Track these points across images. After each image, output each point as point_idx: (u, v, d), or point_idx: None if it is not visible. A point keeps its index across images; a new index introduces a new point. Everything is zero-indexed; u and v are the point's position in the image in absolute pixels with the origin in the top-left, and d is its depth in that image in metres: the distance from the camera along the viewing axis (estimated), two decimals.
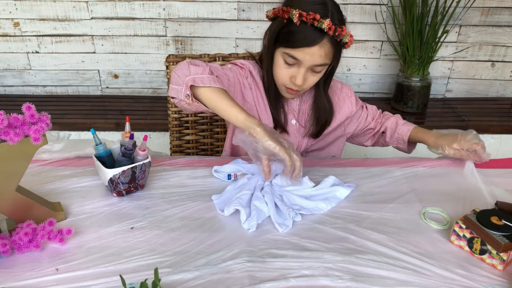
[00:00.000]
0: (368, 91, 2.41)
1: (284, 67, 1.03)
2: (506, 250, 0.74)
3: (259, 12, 2.19)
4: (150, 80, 2.33)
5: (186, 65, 0.95)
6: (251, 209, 0.87)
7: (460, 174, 1.07)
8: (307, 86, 1.07)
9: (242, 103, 1.12)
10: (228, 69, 1.09)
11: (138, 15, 2.19)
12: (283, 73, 1.04)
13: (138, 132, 0.98)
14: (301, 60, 0.99)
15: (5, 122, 0.70)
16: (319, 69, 1.03)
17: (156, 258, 0.75)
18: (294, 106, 1.16)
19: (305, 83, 1.04)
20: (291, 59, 1.00)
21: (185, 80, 0.93)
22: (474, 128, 1.13)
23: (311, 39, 0.96)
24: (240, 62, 1.14)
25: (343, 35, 0.98)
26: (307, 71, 1.02)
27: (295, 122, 1.17)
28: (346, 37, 0.99)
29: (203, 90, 0.93)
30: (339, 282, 0.71)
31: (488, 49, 2.29)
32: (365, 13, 2.20)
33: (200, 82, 0.92)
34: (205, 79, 0.93)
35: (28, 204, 0.80)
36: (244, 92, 1.12)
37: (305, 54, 0.98)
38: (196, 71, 0.93)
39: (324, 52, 0.98)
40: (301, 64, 1.00)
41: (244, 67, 1.13)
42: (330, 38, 0.97)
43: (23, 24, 2.19)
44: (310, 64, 1.00)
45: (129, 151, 0.90)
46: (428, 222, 0.88)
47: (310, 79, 1.05)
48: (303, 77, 1.02)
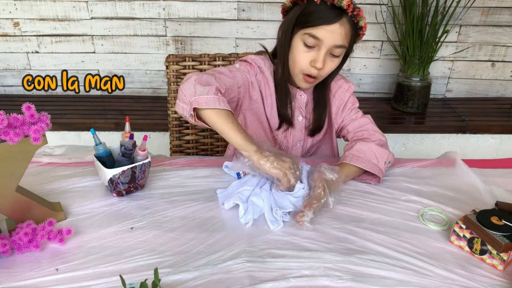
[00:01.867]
0: (368, 91, 2.41)
1: (304, 51, 1.03)
2: (506, 250, 0.74)
3: (259, 12, 2.19)
4: (150, 80, 2.33)
5: (193, 83, 0.95)
6: (248, 204, 0.88)
7: (460, 174, 1.07)
8: (325, 73, 1.07)
9: (249, 103, 1.13)
10: (236, 70, 1.09)
11: (138, 15, 2.18)
12: (303, 57, 1.04)
13: (138, 132, 0.98)
14: (322, 38, 1.00)
15: (5, 122, 0.70)
16: (337, 52, 1.03)
17: (156, 258, 0.75)
18: (301, 103, 1.16)
19: (324, 68, 1.04)
20: (311, 40, 1.01)
21: (190, 100, 0.94)
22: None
23: (332, 16, 0.98)
24: (250, 58, 1.13)
25: (360, 17, 1.01)
26: (326, 53, 1.02)
27: (302, 119, 1.17)
28: (362, 20, 1.02)
29: (206, 112, 0.95)
30: (339, 282, 0.71)
31: (488, 49, 2.29)
32: (365, 13, 2.19)
33: (204, 104, 0.93)
34: (209, 100, 0.93)
35: (28, 204, 0.80)
36: (252, 92, 1.12)
37: (327, 31, 0.99)
38: (202, 91, 0.94)
39: (344, 31, 1.00)
40: (322, 44, 1.01)
41: (253, 63, 1.12)
42: (348, 19, 1.00)
43: (23, 24, 2.19)
44: (331, 43, 1.00)
45: (129, 151, 0.90)
46: (426, 223, 0.88)
47: (329, 65, 1.05)
48: (323, 59, 1.02)
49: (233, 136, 0.93)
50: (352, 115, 1.17)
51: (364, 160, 1.03)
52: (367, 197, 0.97)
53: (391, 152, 1.08)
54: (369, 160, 1.03)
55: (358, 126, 1.15)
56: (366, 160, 1.03)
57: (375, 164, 1.02)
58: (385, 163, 1.04)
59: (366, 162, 1.03)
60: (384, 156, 1.04)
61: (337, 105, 1.17)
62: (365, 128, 1.14)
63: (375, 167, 1.02)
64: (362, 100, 1.21)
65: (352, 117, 1.17)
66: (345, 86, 1.18)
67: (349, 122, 1.17)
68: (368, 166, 1.02)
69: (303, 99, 1.16)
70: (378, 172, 1.02)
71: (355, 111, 1.18)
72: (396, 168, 1.10)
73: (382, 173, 1.02)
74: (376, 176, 1.03)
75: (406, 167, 1.11)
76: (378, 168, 1.02)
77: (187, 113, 0.95)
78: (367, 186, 1.02)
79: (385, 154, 1.05)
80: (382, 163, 1.03)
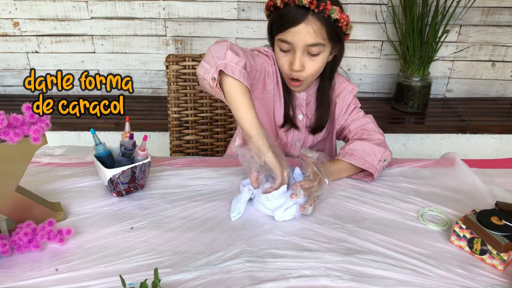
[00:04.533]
0: (368, 91, 2.40)
1: (282, 55, 1.05)
2: (506, 250, 0.74)
3: (259, 12, 2.19)
4: (150, 80, 2.33)
5: (225, 48, 0.92)
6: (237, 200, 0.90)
7: (460, 175, 1.07)
8: (308, 74, 1.05)
9: (262, 92, 1.12)
10: (256, 55, 1.08)
11: (138, 15, 2.18)
12: (283, 62, 1.05)
13: (138, 132, 0.98)
14: (292, 42, 1.00)
15: (4, 122, 0.70)
16: (314, 51, 1.01)
17: (156, 258, 0.75)
18: (301, 101, 1.16)
19: (304, 70, 1.03)
20: (284, 44, 1.02)
21: (217, 63, 0.90)
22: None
23: (296, 17, 0.97)
24: (264, 50, 1.12)
25: (330, 10, 0.96)
26: (303, 54, 1.02)
27: (302, 117, 1.17)
28: (334, 13, 0.97)
29: (230, 81, 0.91)
30: (339, 282, 0.71)
31: (488, 49, 2.29)
32: (365, 12, 2.19)
33: (230, 71, 0.90)
34: (236, 70, 0.90)
35: (28, 204, 0.80)
36: (267, 80, 1.11)
37: (294, 34, 0.99)
38: (232, 58, 0.91)
39: (312, 29, 0.98)
40: (294, 47, 1.01)
41: (268, 54, 1.12)
42: (316, 15, 0.97)
43: (23, 24, 2.19)
44: (302, 44, 1.00)
45: (129, 151, 0.90)
46: (426, 223, 0.88)
47: (309, 65, 1.03)
48: (299, 61, 1.02)
49: (247, 114, 0.90)
50: (354, 115, 1.17)
51: (357, 157, 1.03)
52: (367, 197, 0.97)
53: (388, 150, 1.07)
54: (362, 158, 1.03)
55: (359, 126, 1.15)
56: (359, 157, 1.03)
57: (368, 161, 1.02)
58: (380, 161, 1.04)
59: (359, 159, 1.02)
60: (379, 154, 1.04)
61: (341, 107, 1.17)
62: (365, 127, 1.14)
63: (368, 164, 1.02)
64: (362, 100, 1.21)
65: (353, 117, 1.17)
66: (349, 88, 1.18)
67: (350, 122, 1.16)
68: (361, 163, 1.02)
69: (303, 96, 1.16)
70: (371, 169, 1.02)
71: (357, 111, 1.18)
72: (396, 168, 1.10)
73: (376, 171, 1.02)
74: (371, 174, 1.03)
75: (406, 167, 1.11)
76: (371, 166, 1.02)
77: (209, 75, 0.90)
78: (367, 186, 1.01)
79: (380, 152, 1.04)
80: (376, 161, 1.03)
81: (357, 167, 1.03)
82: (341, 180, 1.04)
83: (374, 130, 1.13)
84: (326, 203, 0.94)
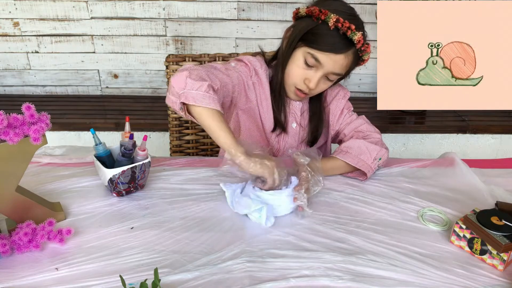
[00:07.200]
0: (368, 91, 2.40)
1: (302, 67, 1.02)
2: (506, 250, 0.74)
3: (259, 12, 2.19)
4: (150, 80, 2.33)
5: (184, 77, 0.91)
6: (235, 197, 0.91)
7: (460, 175, 1.07)
8: (316, 92, 1.07)
9: (245, 103, 1.11)
10: (232, 69, 1.07)
11: (138, 15, 2.18)
12: (299, 73, 1.03)
13: (138, 132, 0.98)
14: (323, 64, 0.99)
15: (4, 122, 0.70)
16: (333, 78, 1.04)
17: (156, 258, 0.75)
18: (296, 109, 1.15)
19: (316, 88, 1.04)
20: (312, 61, 1.00)
21: (180, 93, 0.91)
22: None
23: (340, 46, 0.98)
24: (247, 59, 1.11)
25: (366, 52, 1.01)
26: (322, 76, 1.02)
27: (296, 126, 1.16)
28: (366, 55, 1.02)
29: (195, 108, 0.91)
30: (339, 282, 0.71)
31: None
32: (365, 12, 2.19)
33: (192, 100, 0.90)
34: (198, 97, 0.90)
35: (28, 204, 0.80)
36: (248, 92, 1.11)
37: (329, 59, 0.98)
38: (192, 86, 0.90)
39: (346, 63, 1.00)
40: (321, 68, 1.00)
41: (249, 65, 1.10)
42: (355, 52, 1.00)
43: (23, 24, 2.18)
44: (329, 70, 1.00)
45: (129, 151, 0.90)
46: (426, 224, 0.88)
47: (321, 86, 1.05)
48: (317, 81, 1.02)
49: (220, 136, 0.90)
50: (347, 119, 1.16)
51: (352, 156, 1.03)
52: (367, 197, 0.97)
53: (384, 149, 1.07)
54: (357, 156, 1.03)
55: (354, 128, 1.14)
56: (353, 156, 1.03)
57: (363, 160, 1.02)
58: (375, 159, 1.04)
59: (353, 158, 1.03)
60: (374, 153, 1.04)
61: (334, 113, 1.17)
62: (360, 129, 1.14)
63: (362, 162, 1.02)
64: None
65: (347, 121, 1.16)
66: (341, 93, 1.18)
67: (345, 126, 1.16)
68: (355, 161, 1.02)
69: (299, 105, 1.15)
70: (365, 168, 1.02)
71: (350, 114, 1.17)
72: (396, 168, 1.10)
73: (370, 169, 1.03)
74: (365, 173, 1.03)
75: (406, 167, 1.11)
76: (365, 164, 1.02)
77: (177, 106, 0.93)
78: (367, 186, 1.02)
79: (375, 151, 1.04)
80: (371, 160, 1.03)
81: (351, 165, 1.03)
82: (341, 180, 1.04)
83: (369, 130, 1.13)
84: (326, 203, 0.94)
